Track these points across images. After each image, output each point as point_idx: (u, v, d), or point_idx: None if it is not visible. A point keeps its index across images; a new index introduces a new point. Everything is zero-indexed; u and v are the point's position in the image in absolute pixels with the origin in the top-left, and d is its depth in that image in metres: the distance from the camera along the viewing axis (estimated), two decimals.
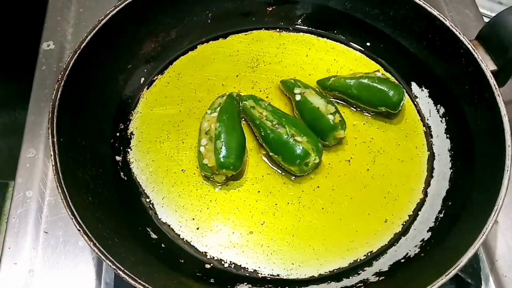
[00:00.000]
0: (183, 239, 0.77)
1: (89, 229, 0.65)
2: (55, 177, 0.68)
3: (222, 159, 0.77)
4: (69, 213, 0.65)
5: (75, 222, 0.65)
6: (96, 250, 0.64)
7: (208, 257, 0.75)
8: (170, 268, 0.72)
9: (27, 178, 0.87)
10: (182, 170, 0.82)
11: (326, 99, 0.85)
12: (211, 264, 0.75)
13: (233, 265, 0.75)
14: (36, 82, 0.98)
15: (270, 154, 0.82)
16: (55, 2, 1.11)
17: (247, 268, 0.74)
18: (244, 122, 0.87)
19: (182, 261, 0.74)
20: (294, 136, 0.79)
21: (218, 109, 0.84)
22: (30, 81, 0.98)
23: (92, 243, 0.64)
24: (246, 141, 0.83)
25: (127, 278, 0.62)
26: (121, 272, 0.62)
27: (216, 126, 0.81)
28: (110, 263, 0.63)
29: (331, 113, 0.82)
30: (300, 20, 0.96)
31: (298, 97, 0.85)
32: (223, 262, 0.75)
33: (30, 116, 0.94)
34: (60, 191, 0.67)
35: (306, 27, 0.96)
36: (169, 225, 0.78)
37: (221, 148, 0.78)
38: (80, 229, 0.65)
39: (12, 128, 1.24)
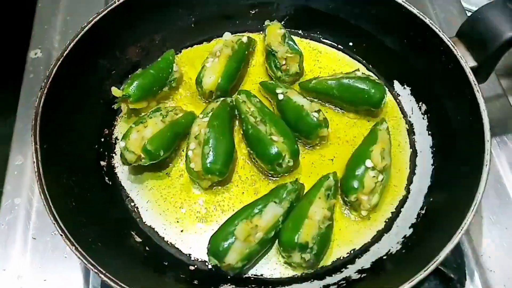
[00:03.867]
0: (167, 241, 0.77)
1: (71, 234, 0.66)
2: (38, 183, 0.69)
3: (208, 165, 0.78)
4: (52, 218, 0.66)
5: (57, 227, 0.66)
6: (78, 255, 0.65)
7: (192, 258, 0.76)
8: (154, 271, 0.73)
9: (16, 185, 0.88)
10: (167, 173, 0.83)
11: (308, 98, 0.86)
12: (195, 266, 0.75)
13: None
14: (23, 90, 0.99)
15: (248, 149, 0.82)
16: (42, 10, 1.12)
17: None
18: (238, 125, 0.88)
19: (166, 264, 0.75)
20: (272, 135, 0.79)
21: (210, 114, 0.84)
22: (19, 89, 0.99)
23: (74, 247, 0.65)
24: (234, 148, 0.83)
25: (109, 281, 0.63)
26: (103, 276, 0.63)
27: (206, 131, 0.81)
28: (92, 267, 0.64)
29: (315, 111, 0.83)
30: (283, 22, 0.97)
31: (280, 97, 0.86)
32: (206, 264, 0.75)
33: (18, 123, 0.95)
34: (42, 197, 0.68)
35: (289, 29, 0.97)
36: (153, 228, 0.79)
37: (209, 153, 0.78)
38: (62, 234, 0.66)
39: (1, 137, 1.24)
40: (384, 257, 0.74)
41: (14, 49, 1.07)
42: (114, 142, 0.87)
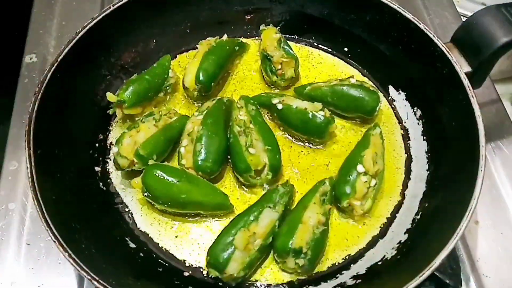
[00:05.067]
0: (161, 247, 0.77)
1: (64, 240, 0.66)
2: (31, 188, 0.69)
3: (199, 162, 0.78)
4: (45, 224, 0.66)
5: (50, 234, 0.66)
6: (72, 261, 0.64)
7: (187, 265, 0.76)
8: (148, 277, 0.73)
9: (10, 191, 0.88)
10: None
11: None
12: (190, 272, 0.75)
13: None
14: (18, 95, 0.99)
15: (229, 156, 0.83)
16: (37, 15, 1.12)
17: None
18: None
19: (161, 270, 0.74)
20: (251, 147, 0.79)
21: (205, 112, 0.84)
22: (13, 94, 0.99)
23: (67, 254, 0.65)
24: (227, 146, 0.83)
25: None
26: (96, 283, 0.63)
27: (199, 128, 0.81)
28: (85, 274, 0.63)
29: (320, 110, 0.83)
30: (278, 27, 0.97)
31: (279, 106, 0.85)
32: (201, 270, 0.75)
33: (13, 128, 0.95)
34: (35, 202, 0.68)
35: (284, 34, 0.97)
36: (147, 234, 0.78)
37: (200, 150, 0.79)
38: (55, 240, 0.65)
39: None
40: (379, 263, 0.74)
41: (9, 54, 1.07)
42: (108, 147, 0.87)
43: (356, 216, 0.77)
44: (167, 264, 0.75)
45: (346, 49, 0.97)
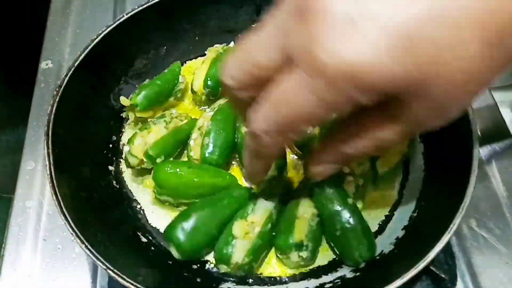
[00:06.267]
0: None
1: (81, 233, 0.70)
2: (50, 185, 0.73)
3: (207, 155, 0.83)
4: (63, 218, 0.70)
5: (68, 226, 0.70)
6: (88, 252, 0.68)
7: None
8: (159, 269, 0.77)
9: (27, 189, 0.92)
10: None
11: None
12: (198, 265, 0.79)
13: None
14: (35, 99, 1.04)
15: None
16: (53, 24, 1.18)
17: None
18: None
19: (171, 263, 0.78)
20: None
21: (216, 109, 0.89)
22: (30, 98, 1.04)
23: (84, 245, 0.69)
24: (234, 142, 0.86)
25: (117, 277, 0.66)
26: (110, 272, 0.67)
27: (209, 124, 0.86)
28: (100, 264, 0.67)
29: None
30: None
31: None
32: (209, 263, 0.79)
33: (30, 131, 1.00)
34: (54, 198, 0.72)
35: None
36: (158, 229, 0.82)
37: (208, 144, 0.84)
38: (73, 232, 0.69)
39: (15, 144, 1.29)
40: (378, 257, 0.78)
41: (26, 61, 1.12)
42: (121, 148, 0.91)
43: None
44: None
45: None
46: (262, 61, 0.52)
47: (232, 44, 1.00)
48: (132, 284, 0.66)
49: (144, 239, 0.81)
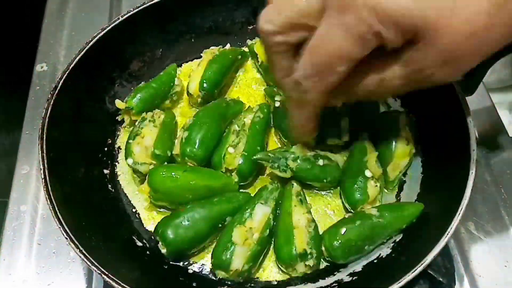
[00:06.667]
0: None
1: (76, 238, 0.69)
2: (44, 189, 0.72)
3: (185, 148, 0.83)
4: (57, 222, 0.69)
5: (62, 231, 0.69)
6: (82, 257, 0.67)
7: (191, 262, 0.79)
8: (155, 274, 0.76)
9: (21, 193, 0.92)
10: None
11: None
12: (193, 270, 0.78)
13: None
14: (30, 102, 1.04)
15: None
16: (48, 26, 1.17)
17: None
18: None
19: (166, 267, 0.78)
20: (231, 146, 0.83)
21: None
22: (25, 101, 1.04)
23: (78, 250, 0.68)
24: (218, 137, 0.86)
25: (112, 282, 0.66)
26: (105, 277, 0.66)
27: (190, 120, 0.86)
28: (95, 269, 0.67)
29: None
30: None
31: (277, 104, 0.89)
32: (205, 267, 0.78)
33: (24, 134, 0.99)
34: (49, 202, 0.71)
35: None
36: (153, 234, 0.81)
37: (187, 137, 0.83)
38: (67, 237, 0.69)
39: (10, 148, 1.29)
40: (375, 261, 0.77)
41: (21, 63, 1.12)
42: (116, 151, 0.91)
43: None
44: (171, 262, 0.79)
45: None
46: (302, 7, 0.57)
47: (228, 46, 1.00)
48: None
49: (139, 243, 0.80)
